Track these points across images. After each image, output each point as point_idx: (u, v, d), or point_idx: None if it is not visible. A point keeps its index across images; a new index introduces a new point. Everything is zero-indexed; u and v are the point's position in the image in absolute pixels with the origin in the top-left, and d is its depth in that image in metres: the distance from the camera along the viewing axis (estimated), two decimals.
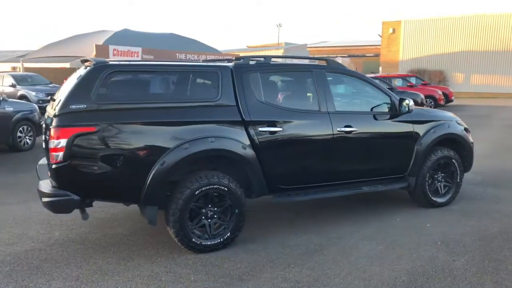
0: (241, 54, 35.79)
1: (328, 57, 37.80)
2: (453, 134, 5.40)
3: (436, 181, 5.38)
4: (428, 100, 18.63)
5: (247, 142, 4.11)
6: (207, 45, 26.48)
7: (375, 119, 4.88)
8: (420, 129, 5.14)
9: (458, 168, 5.43)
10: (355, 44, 42.02)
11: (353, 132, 4.64)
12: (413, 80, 21.09)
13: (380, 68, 32.36)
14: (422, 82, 21.25)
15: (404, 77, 20.03)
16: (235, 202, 4.06)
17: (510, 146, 10.18)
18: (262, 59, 4.56)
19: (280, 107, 4.37)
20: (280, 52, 35.82)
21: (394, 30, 31.82)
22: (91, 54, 18.87)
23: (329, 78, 4.72)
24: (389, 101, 4.99)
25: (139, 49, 20.66)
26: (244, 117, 4.11)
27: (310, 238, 4.39)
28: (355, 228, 4.66)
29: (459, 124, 5.53)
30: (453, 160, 5.38)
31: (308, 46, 40.67)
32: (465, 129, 5.61)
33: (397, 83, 19.07)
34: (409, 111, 4.89)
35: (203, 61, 4.91)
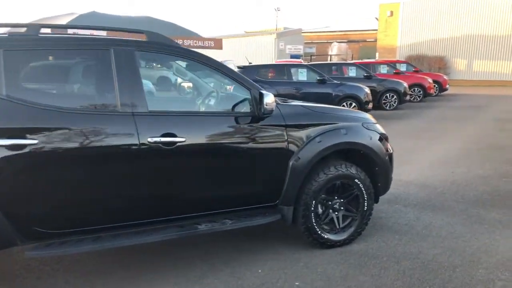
0: (234, 40, 33.89)
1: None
2: (354, 143, 3.74)
3: (331, 211, 3.75)
4: (415, 89, 16.79)
5: None
6: (186, 29, 24.69)
7: (223, 123, 3.26)
8: (298, 137, 3.50)
9: (364, 192, 3.79)
10: (355, 29, 39.81)
11: (178, 144, 3.03)
12: (403, 67, 19.24)
13: (377, 54, 30.37)
14: (413, 69, 19.35)
15: (390, 64, 18.13)
16: None
17: (490, 146, 8.41)
18: (24, 28, 2.95)
19: (40, 105, 2.75)
20: (272, 38, 33.93)
21: (391, 13, 29.70)
22: None
23: (143, 61, 3.11)
24: (248, 97, 3.36)
25: (104, 34, 19.02)
26: None
27: None
28: None
29: (367, 129, 3.86)
30: (357, 181, 3.74)
31: (304, 31, 38.62)
32: (380, 137, 3.93)
33: (382, 70, 17.22)
34: (265, 112, 3.24)
35: None
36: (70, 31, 4.14)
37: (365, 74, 14.27)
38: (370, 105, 12.05)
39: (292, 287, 3.15)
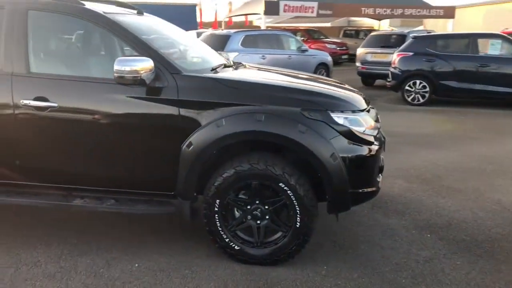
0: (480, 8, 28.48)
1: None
2: (270, 134, 2.72)
3: (249, 217, 2.90)
4: None
5: None
6: None
7: (105, 91, 2.88)
8: (193, 117, 2.79)
9: (296, 202, 2.76)
10: None
11: (50, 109, 2.87)
12: None
13: None
14: None
15: None
16: None
17: None
18: None
19: None
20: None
21: None
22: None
23: (39, 21, 3.02)
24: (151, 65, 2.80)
25: (315, 4, 19.09)
26: None
27: None
28: None
29: (309, 118, 2.71)
30: (282, 185, 2.75)
31: None
32: (339, 134, 2.74)
33: None
34: (117, 81, 2.67)
35: None
36: None
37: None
38: None
39: None
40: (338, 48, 20.34)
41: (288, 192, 2.75)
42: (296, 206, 2.77)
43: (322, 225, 3.47)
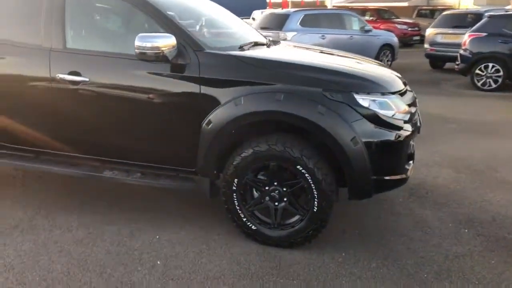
0: None
1: None
2: (288, 115, 2.63)
3: (268, 198, 2.86)
4: None
5: None
6: None
7: (130, 67, 2.93)
8: (213, 95, 2.77)
9: (313, 186, 2.68)
10: None
11: (82, 83, 3.01)
12: None
13: None
14: None
15: None
16: None
17: None
18: None
19: None
20: None
21: None
22: None
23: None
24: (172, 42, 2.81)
25: None
26: None
27: None
28: None
29: (331, 98, 2.59)
30: (300, 168, 2.67)
31: None
32: (363, 117, 2.60)
33: None
34: (139, 57, 2.70)
35: None
36: None
37: None
38: None
39: (155, 262, 2.74)
40: (409, 29, 19.22)
41: (306, 175, 2.66)
42: (314, 190, 2.68)
43: (350, 211, 3.37)
